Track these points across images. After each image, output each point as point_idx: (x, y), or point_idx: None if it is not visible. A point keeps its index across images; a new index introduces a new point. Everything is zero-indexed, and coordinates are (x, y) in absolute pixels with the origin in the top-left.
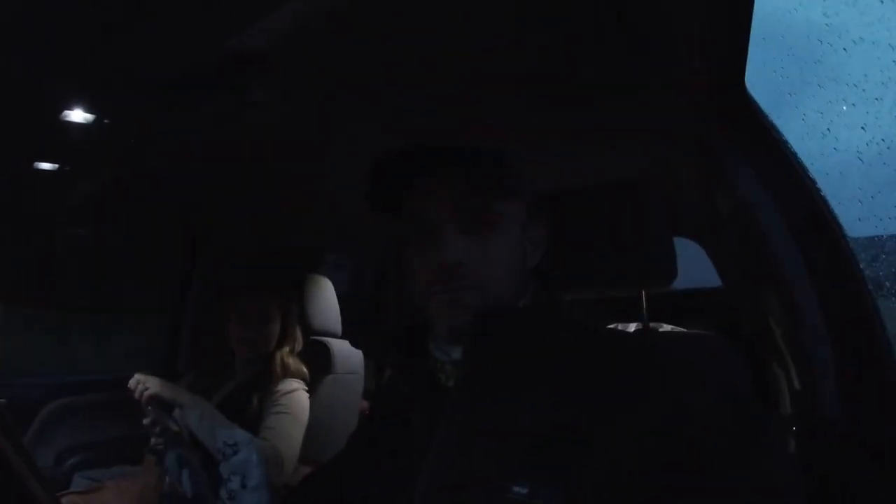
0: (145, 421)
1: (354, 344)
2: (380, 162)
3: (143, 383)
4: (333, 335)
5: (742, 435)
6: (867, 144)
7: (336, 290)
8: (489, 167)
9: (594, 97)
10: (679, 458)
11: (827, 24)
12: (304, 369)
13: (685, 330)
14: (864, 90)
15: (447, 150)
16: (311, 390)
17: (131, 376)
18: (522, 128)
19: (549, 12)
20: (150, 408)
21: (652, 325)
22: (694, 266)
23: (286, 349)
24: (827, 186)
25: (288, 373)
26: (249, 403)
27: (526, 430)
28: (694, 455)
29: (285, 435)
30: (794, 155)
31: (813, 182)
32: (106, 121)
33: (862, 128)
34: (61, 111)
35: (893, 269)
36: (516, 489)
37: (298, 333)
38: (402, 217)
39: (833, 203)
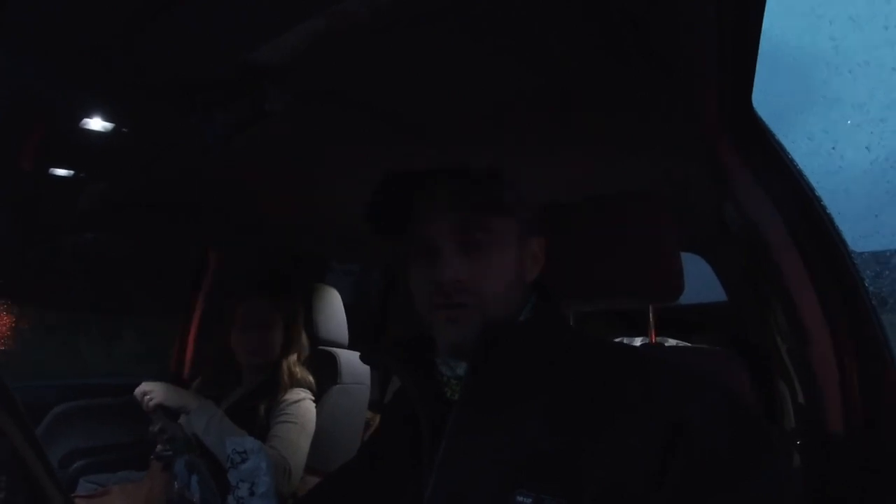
0: (152, 428)
1: (363, 359)
2: (379, 187)
3: (149, 393)
4: (340, 345)
5: (741, 448)
6: (871, 163)
7: (343, 300)
8: (484, 185)
9: (605, 111)
10: (682, 468)
11: (834, 48)
12: (311, 378)
13: (690, 344)
14: (868, 111)
15: (441, 172)
16: (318, 400)
17: (139, 381)
18: (530, 140)
19: (562, 27)
20: (156, 416)
21: (658, 339)
22: (699, 281)
23: (292, 358)
24: (832, 203)
25: (294, 381)
26: (256, 412)
27: (530, 442)
28: (697, 466)
29: (292, 444)
30: (800, 172)
31: (818, 199)
32: (121, 127)
33: (866, 147)
34: (77, 116)
35: None
36: (521, 499)
37: (304, 342)
38: (404, 238)
39: (838, 219)
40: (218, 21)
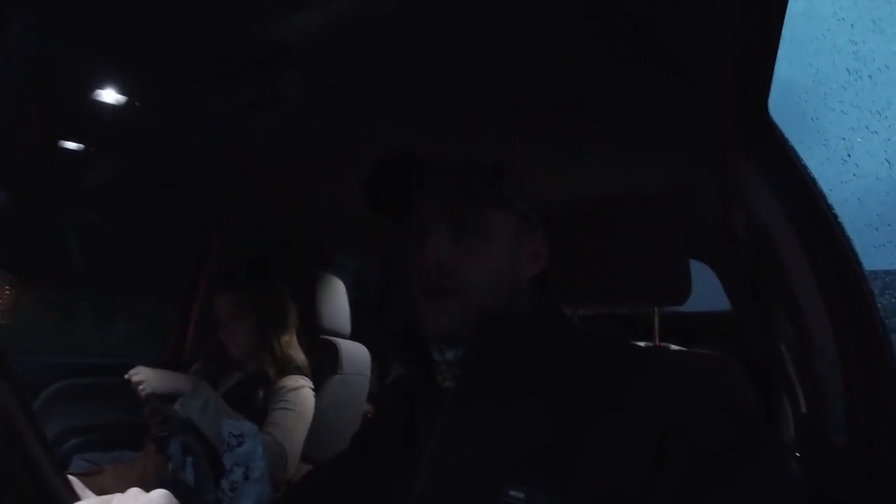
0: (146, 411)
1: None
2: (380, 170)
3: (141, 382)
4: (342, 335)
5: (740, 446)
6: (888, 171)
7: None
8: (484, 177)
9: (606, 112)
10: (681, 467)
11: (854, 52)
12: (303, 358)
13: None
14: (886, 117)
15: (444, 160)
16: (317, 389)
17: (136, 362)
18: (532, 141)
19: (562, 27)
20: (149, 402)
21: (661, 345)
22: (702, 289)
23: (275, 344)
24: (845, 213)
25: (284, 366)
26: (253, 397)
27: (524, 436)
28: (696, 464)
29: (289, 431)
30: (814, 180)
31: (830, 208)
32: (132, 102)
33: (885, 157)
34: (88, 89)
35: None
36: (513, 493)
37: (291, 327)
38: (402, 223)
39: (850, 230)
40: None
